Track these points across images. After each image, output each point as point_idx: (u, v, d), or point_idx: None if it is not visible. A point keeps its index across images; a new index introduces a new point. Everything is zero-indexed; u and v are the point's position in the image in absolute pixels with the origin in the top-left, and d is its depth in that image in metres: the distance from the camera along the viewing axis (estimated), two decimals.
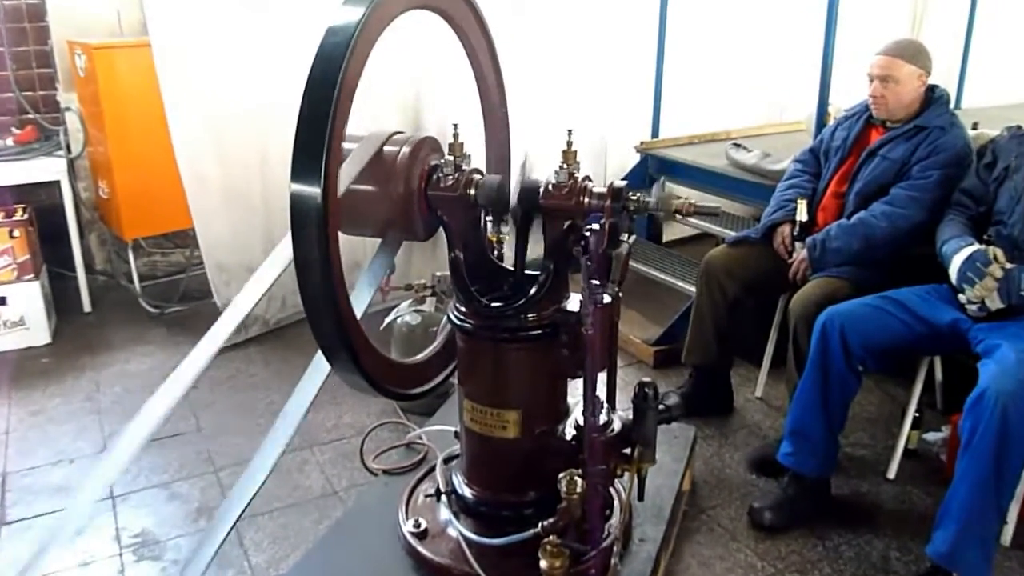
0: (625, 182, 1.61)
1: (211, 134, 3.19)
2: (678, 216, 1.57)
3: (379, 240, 1.77)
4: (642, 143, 3.90)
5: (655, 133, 3.98)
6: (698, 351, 2.79)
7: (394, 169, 1.61)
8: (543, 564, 1.52)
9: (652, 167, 3.86)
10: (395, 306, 2.95)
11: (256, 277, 1.68)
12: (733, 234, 2.94)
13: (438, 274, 2.84)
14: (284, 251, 1.66)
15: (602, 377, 1.69)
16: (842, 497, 2.41)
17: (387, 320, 2.88)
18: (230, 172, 3.27)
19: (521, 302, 1.65)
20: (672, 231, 4.29)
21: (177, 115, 3.10)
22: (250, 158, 3.29)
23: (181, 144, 3.13)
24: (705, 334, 2.75)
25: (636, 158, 3.93)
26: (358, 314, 1.55)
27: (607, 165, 4.18)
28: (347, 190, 1.50)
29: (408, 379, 1.76)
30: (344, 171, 1.46)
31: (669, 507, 2.05)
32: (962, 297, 2.19)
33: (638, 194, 1.61)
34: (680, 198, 1.60)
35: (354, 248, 3.15)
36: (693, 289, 2.96)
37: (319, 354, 1.54)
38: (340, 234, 1.45)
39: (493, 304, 1.68)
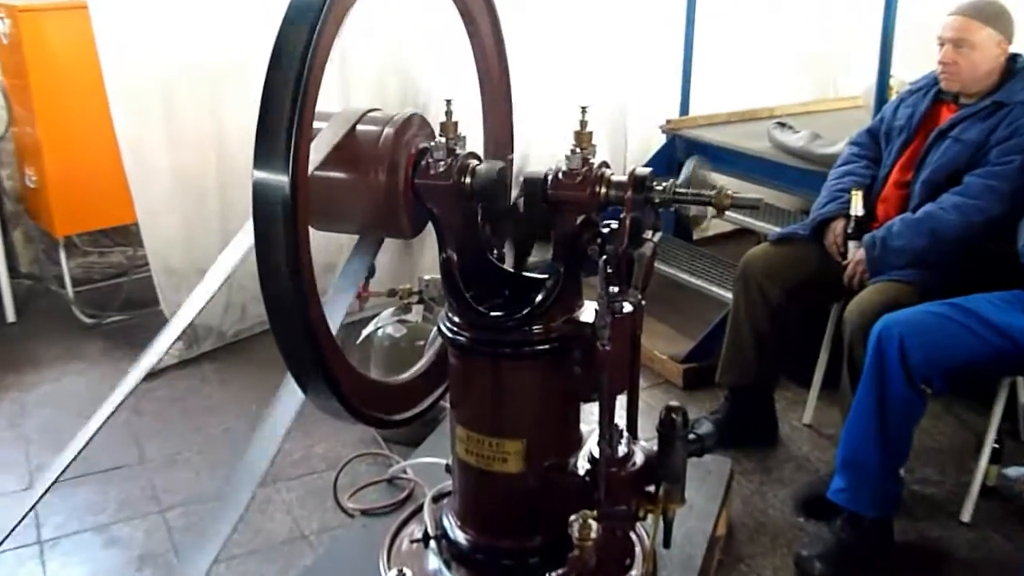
0: (649, 169, 1.61)
1: (158, 110, 3.19)
2: (713, 210, 1.58)
3: (356, 238, 1.77)
4: (669, 122, 3.90)
5: (684, 110, 3.98)
6: (735, 369, 2.79)
7: (374, 153, 1.61)
8: None
9: (680, 150, 3.86)
10: (375, 316, 2.95)
11: (206, 280, 1.69)
12: (777, 230, 2.94)
13: (427, 278, 2.84)
14: (239, 248, 1.66)
15: (621, 400, 1.69)
16: (906, 543, 2.41)
17: (366, 332, 2.89)
18: (181, 156, 3.27)
19: (525, 311, 1.65)
20: (705, 227, 4.30)
21: (118, 89, 3.10)
22: (205, 139, 3.30)
23: (123, 123, 3.13)
24: (744, 349, 2.75)
25: (662, 139, 3.94)
26: (332, 326, 1.55)
27: (628, 148, 4.19)
28: (316, 178, 1.51)
29: (391, 402, 1.76)
30: (314, 155, 1.46)
31: (701, 556, 2.05)
32: None
33: (665, 183, 1.61)
34: (714, 187, 1.60)
35: (327, 247, 3.16)
36: (729, 296, 2.96)
37: (287, 376, 1.54)
38: (312, 231, 1.44)
39: (492, 313, 1.68)
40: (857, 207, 2.63)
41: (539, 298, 1.66)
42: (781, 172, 3.42)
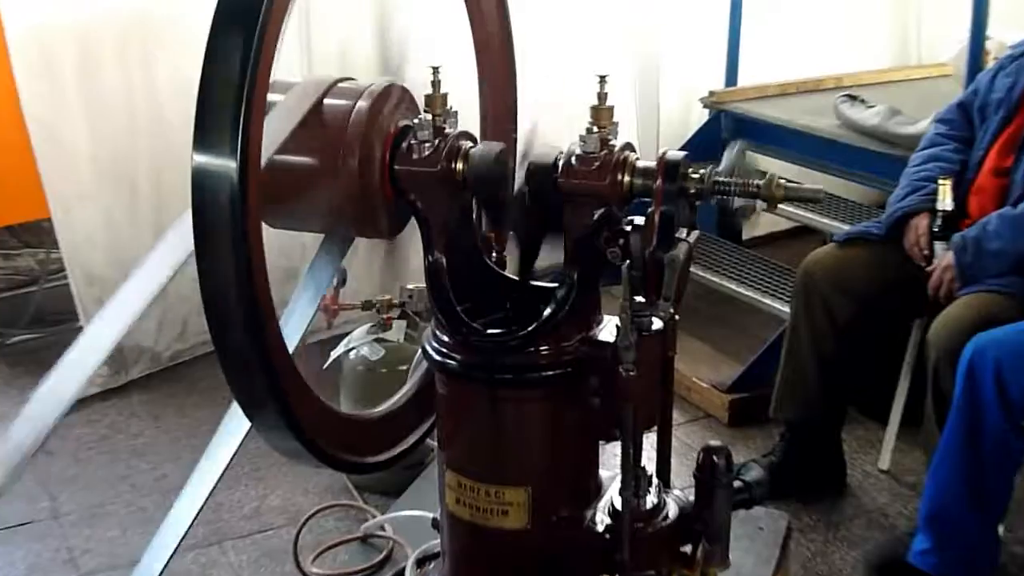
0: (684, 152, 1.62)
1: (74, 75, 3.19)
2: (761, 204, 1.58)
3: (321, 237, 1.77)
4: (712, 94, 3.92)
5: (731, 80, 4.00)
6: (794, 400, 2.79)
7: (344, 133, 1.62)
8: None
9: (726, 129, 3.88)
10: (346, 334, 2.97)
11: (130, 288, 1.70)
12: (845, 228, 2.95)
13: (410, 287, 2.84)
14: (175, 249, 1.67)
15: (650, 439, 1.68)
16: None
17: (335, 354, 2.90)
18: (103, 133, 3.28)
19: (531, 328, 1.66)
20: (756, 224, 4.32)
21: (22, 48, 3.10)
22: (134, 112, 3.31)
23: (29, 92, 3.14)
24: (804, 376, 2.76)
25: (703, 116, 3.95)
26: (292, 347, 1.55)
27: (660, 127, 4.19)
28: (273, 163, 1.52)
29: (365, 441, 1.76)
30: (268, 134, 1.47)
31: None
32: None
33: (703, 169, 1.62)
34: (766, 176, 1.61)
35: (286, 249, 3.17)
36: (786, 310, 2.97)
37: (234, 406, 1.55)
38: (266, 229, 1.45)
39: (490, 331, 1.69)
40: (945, 200, 2.64)
41: (548, 312, 1.66)
42: (850, 156, 3.44)
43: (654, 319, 1.58)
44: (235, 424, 1.67)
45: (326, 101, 1.66)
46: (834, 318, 2.71)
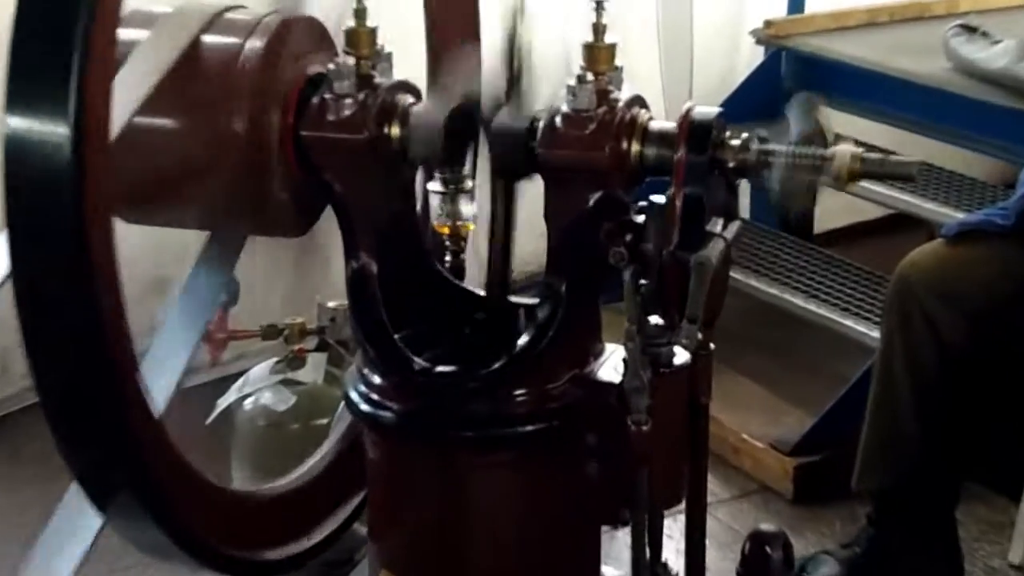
0: (717, 109, 1.62)
1: None
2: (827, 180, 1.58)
3: (203, 236, 1.78)
4: (768, 26, 3.95)
5: (796, 5, 4.01)
6: (887, 466, 2.81)
7: (229, 85, 1.63)
8: None
9: (789, 75, 3.89)
10: (240, 374, 2.99)
11: None
12: (958, 218, 2.96)
13: (332, 305, 2.87)
14: None
15: (676, 522, 1.70)
16: None
17: (223, 403, 2.93)
18: None
19: (501, 364, 1.66)
20: (832, 214, 4.37)
21: None
22: None
23: None
24: (901, 429, 2.78)
25: (755, 56, 3.97)
26: (160, 400, 1.56)
27: (693, 74, 4.20)
28: (129, 130, 1.52)
29: (265, 529, 1.76)
30: (121, 89, 1.47)
31: None
32: None
33: (747, 133, 1.62)
34: (837, 142, 1.61)
35: (152, 253, 3.16)
36: (875, 335, 2.97)
37: (74, 486, 1.55)
38: (120, 223, 1.45)
39: (441, 370, 1.69)
40: None
41: (525, 339, 1.67)
42: (966, 113, 3.47)
43: (677, 349, 1.59)
44: (77, 507, 1.66)
45: (204, 40, 1.66)
46: (942, 344, 2.72)
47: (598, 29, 1.63)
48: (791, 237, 4.01)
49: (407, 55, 1.82)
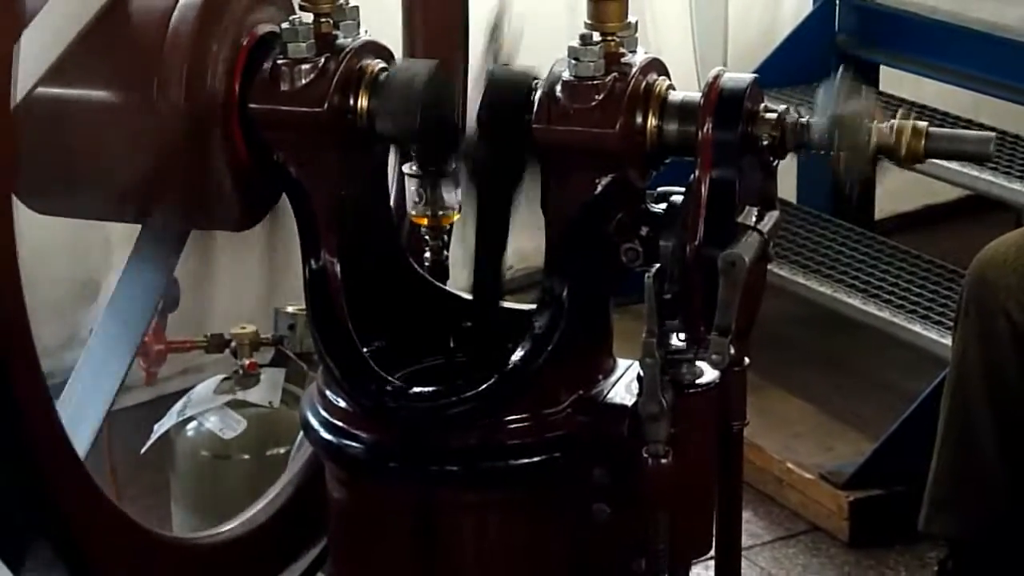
0: (752, 76, 1.61)
1: None
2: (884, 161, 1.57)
3: (135, 232, 1.78)
4: None
5: None
6: (961, 504, 2.80)
7: (161, 47, 1.62)
8: None
9: (843, 29, 3.88)
10: (182, 393, 2.98)
11: None
12: None
13: (290, 309, 2.88)
14: None
15: (700, 571, 1.69)
16: None
17: (160, 429, 2.91)
18: None
19: (490, 385, 1.66)
20: (897, 195, 4.37)
21: None
22: None
23: None
24: (979, 458, 2.77)
25: (802, 8, 3.97)
26: (85, 434, 1.56)
27: (728, 30, 4.19)
28: (37, 102, 1.51)
29: None
30: (28, 51, 1.47)
31: None
32: None
33: (786, 105, 1.61)
34: (897, 114, 1.60)
35: (79, 250, 3.15)
36: (947, 342, 2.96)
37: None
38: (25, 212, 1.47)
39: (419, 390, 1.69)
40: None
41: (520, 354, 1.66)
42: None
43: (702, 366, 1.58)
44: None
45: None
46: None
47: None
48: (847, 224, 3.98)
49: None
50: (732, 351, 1.54)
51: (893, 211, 4.32)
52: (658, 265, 1.56)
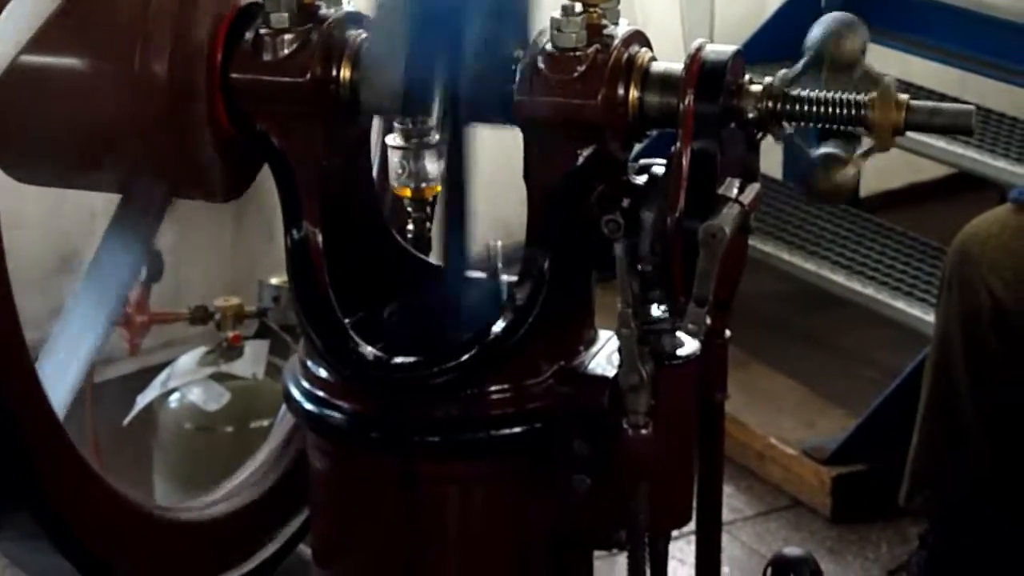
0: (733, 48, 1.62)
1: None
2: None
3: (114, 201, 1.78)
4: None
5: None
6: (942, 475, 2.83)
7: (142, 15, 1.63)
8: None
9: (831, 8, 3.86)
10: (164, 365, 3.00)
11: None
12: None
13: (274, 282, 2.89)
14: None
15: (686, 545, 1.69)
16: None
17: (143, 401, 2.93)
18: None
19: (471, 355, 1.66)
20: (882, 173, 4.38)
21: None
22: None
23: None
24: (960, 431, 2.80)
25: None
26: (61, 397, 1.56)
27: (715, 9, 4.19)
28: (17, 73, 1.51)
29: (192, 553, 1.78)
30: (8, 19, 1.47)
31: None
32: None
33: (770, 78, 1.62)
34: (880, 84, 1.60)
35: (60, 222, 3.15)
36: (930, 319, 2.98)
37: None
38: (16, 187, 1.49)
39: (399, 361, 1.69)
40: None
41: (500, 326, 1.67)
42: None
43: (681, 338, 1.59)
44: None
45: None
46: (1008, 330, 2.72)
47: None
48: (831, 203, 3.97)
49: None
50: (709, 321, 1.55)
51: (878, 188, 4.33)
52: (638, 237, 1.57)
